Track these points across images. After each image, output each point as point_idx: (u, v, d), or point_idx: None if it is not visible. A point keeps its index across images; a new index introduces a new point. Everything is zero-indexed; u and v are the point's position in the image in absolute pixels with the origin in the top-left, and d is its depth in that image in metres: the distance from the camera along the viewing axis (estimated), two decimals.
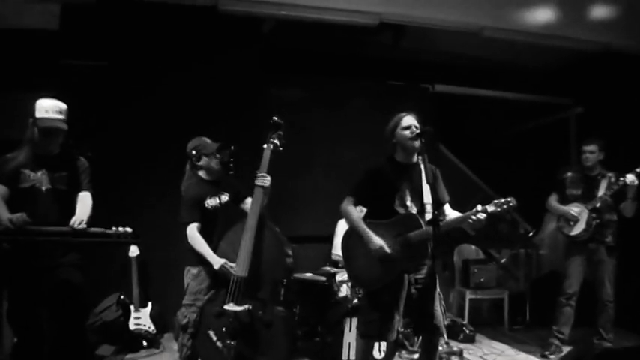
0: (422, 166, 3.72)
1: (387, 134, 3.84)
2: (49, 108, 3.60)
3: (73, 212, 3.58)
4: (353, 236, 3.83)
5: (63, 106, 3.66)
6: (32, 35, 5.53)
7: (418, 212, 3.67)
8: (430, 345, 3.84)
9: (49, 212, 3.55)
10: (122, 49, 5.90)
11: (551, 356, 5.24)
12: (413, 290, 3.68)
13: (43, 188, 3.62)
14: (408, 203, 3.72)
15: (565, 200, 5.41)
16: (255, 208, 4.15)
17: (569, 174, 5.49)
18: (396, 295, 3.68)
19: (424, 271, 3.69)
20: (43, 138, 3.63)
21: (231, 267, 4.04)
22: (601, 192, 5.19)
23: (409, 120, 3.75)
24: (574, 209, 5.25)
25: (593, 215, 5.15)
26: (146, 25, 5.79)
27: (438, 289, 3.69)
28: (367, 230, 3.67)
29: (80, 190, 3.76)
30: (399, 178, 3.75)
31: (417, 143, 3.67)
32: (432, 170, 3.76)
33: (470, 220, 3.50)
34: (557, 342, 5.33)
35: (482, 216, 3.44)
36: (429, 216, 3.61)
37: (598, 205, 5.14)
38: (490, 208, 3.45)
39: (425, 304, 3.63)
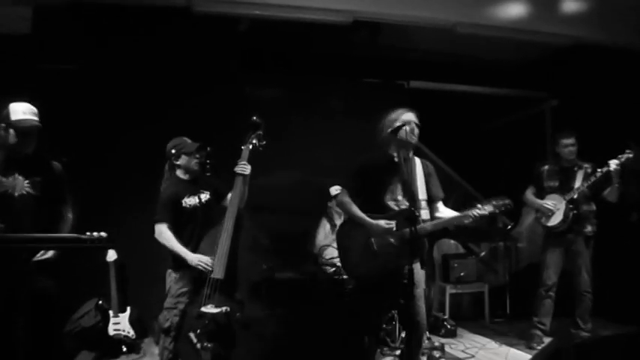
0: (417, 161, 3.85)
1: (382, 128, 3.83)
2: (25, 110, 3.55)
3: (47, 218, 3.55)
4: (348, 229, 3.92)
5: (35, 109, 3.60)
6: (4, 40, 5.45)
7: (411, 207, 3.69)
8: (413, 341, 3.85)
9: (22, 219, 3.45)
10: (96, 51, 5.83)
11: (538, 347, 5.28)
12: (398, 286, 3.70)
13: (16, 194, 3.53)
14: (399, 197, 3.78)
15: (542, 192, 5.46)
16: (235, 198, 4.12)
17: (546, 167, 5.54)
18: (383, 291, 3.77)
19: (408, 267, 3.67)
20: (21, 139, 3.54)
21: (207, 265, 4.01)
22: (578, 183, 5.24)
23: (409, 115, 3.78)
24: (548, 202, 5.31)
25: (571, 206, 5.20)
26: (120, 27, 5.74)
27: (423, 285, 3.77)
28: (365, 217, 3.74)
29: (58, 199, 3.73)
30: (390, 172, 3.78)
31: (414, 139, 3.72)
32: (426, 166, 3.91)
33: (470, 219, 3.59)
34: (539, 333, 5.39)
35: (481, 213, 3.55)
36: (423, 212, 3.72)
37: (575, 196, 5.19)
38: (489, 208, 3.56)
39: (408, 300, 3.63)
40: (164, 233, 4.14)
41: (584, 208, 5.28)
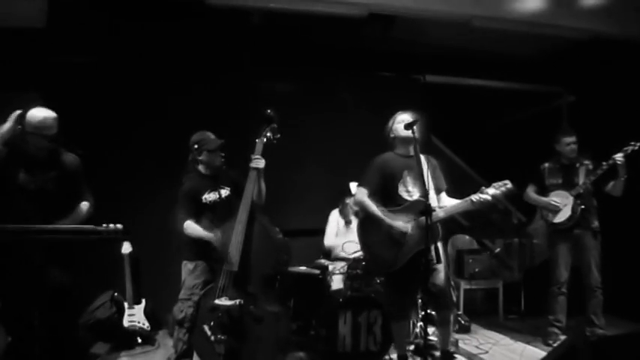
0: (421, 156, 4.10)
1: (385, 131, 4.34)
2: (37, 125, 3.57)
3: (62, 212, 3.64)
4: (367, 224, 4.24)
5: (49, 120, 3.62)
6: (19, 33, 5.47)
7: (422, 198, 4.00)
8: (443, 320, 4.32)
9: (38, 212, 3.50)
10: (110, 44, 5.84)
11: (555, 345, 5.25)
12: (421, 269, 3.94)
13: (33, 188, 3.62)
14: (410, 189, 4.16)
15: (545, 190, 5.48)
16: (248, 191, 4.13)
17: (546, 164, 5.58)
18: (410, 275, 4.03)
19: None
20: (33, 148, 3.63)
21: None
22: (581, 179, 5.27)
23: (403, 116, 4.23)
24: (555, 199, 5.33)
25: (578, 202, 5.22)
26: (134, 20, 5.75)
27: (444, 264, 4.13)
28: (384, 218, 4.07)
29: (74, 193, 3.81)
30: (401, 167, 4.18)
31: (410, 133, 3.96)
32: (429, 160, 4.26)
33: (473, 200, 3.88)
34: (556, 330, 5.38)
35: (484, 197, 3.83)
36: (432, 201, 3.93)
37: (582, 191, 5.21)
38: (491, 191, 3.85)
39: (433, 281, 4.04)
40: (189, 227, 4.21)
41: (590, 203, 5.30)
